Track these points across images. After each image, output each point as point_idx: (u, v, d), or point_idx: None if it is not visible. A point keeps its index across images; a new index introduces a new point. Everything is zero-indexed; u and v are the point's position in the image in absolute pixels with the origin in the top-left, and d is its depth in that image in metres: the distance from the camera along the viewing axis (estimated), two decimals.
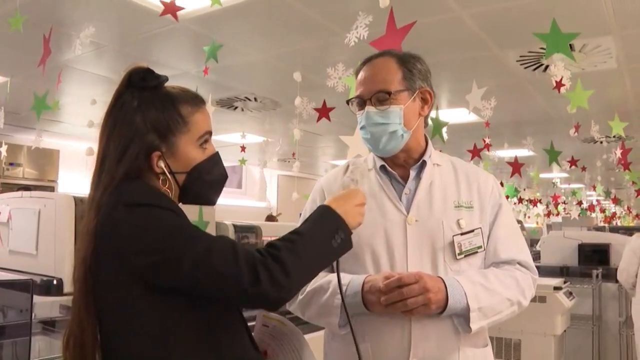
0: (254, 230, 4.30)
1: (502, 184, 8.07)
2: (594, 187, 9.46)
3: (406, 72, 1.53)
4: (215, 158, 1.28)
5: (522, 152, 7.67)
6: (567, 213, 11.70)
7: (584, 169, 7.93)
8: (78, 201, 3.29)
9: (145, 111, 1.19)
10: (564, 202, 11.70)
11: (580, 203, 10.80)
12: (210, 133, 1.27)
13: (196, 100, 1.26)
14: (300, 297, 1.54)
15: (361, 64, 1.60)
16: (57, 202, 3.46)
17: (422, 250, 1.48)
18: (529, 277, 1.56)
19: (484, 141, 5.19)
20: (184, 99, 1.24)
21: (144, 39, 3.85)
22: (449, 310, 1.39)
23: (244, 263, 1.05)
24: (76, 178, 7.76)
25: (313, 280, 1.54)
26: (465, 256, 1.50)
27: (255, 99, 5.57)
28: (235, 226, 4.52)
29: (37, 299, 2.35)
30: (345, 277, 1.48)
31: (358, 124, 1.59)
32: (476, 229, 1.53)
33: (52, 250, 3.21)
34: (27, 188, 6.74)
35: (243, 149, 6.46)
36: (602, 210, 13.80)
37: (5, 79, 4.93)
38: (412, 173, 1.58)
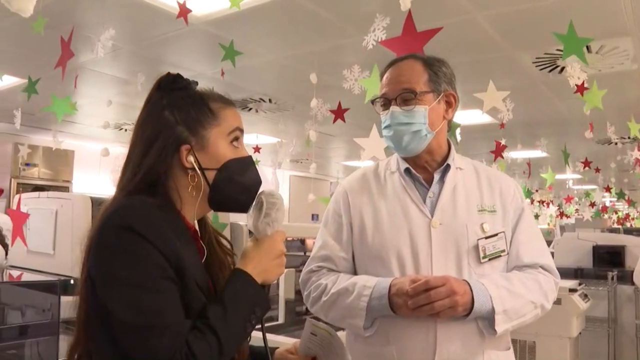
0: None
1: None
2: (607, 189, 9.39)
3: (432, 74, 1.55)
4: (249, 160, 1.22)
5: (534, 154, 7.64)
6: (580, 215, 11.63)
7: (597, 170, 7.89)
8: (95, 202, 3.32)
9: (174, 106, 1.17)
10: (577, 203, 11.63)
11: (593, 204, 10.72)
12: (241, 130, 1.23)
13: (225, 99, 1.24)
14: (324, 298, 1.55)
15: (387, 65, 1.62)
16: (74, 203, 3.49)
17: (447, 254, 1.49)
18: (551, 280, 1.57)
19: (499, 143, 5.17)
20: (213, 96, 1.22)
21: (160, 40, 3.88)
22: (475, 313, 1.40)
23: None
24: (91, 179, 7.82)
25: (337, 283, 1.55)
26: (489, 260, 1.51)
27: (270, 100, 5.59)
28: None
29: (55, 298, 2.37)
30: (371, 280, 1.49)
31: (382, 123, 1.60)
32: (500, 232, 1.54)
33: (69, 250, 3.24)
34: (42, 188, 6.81)
35: (257, 149, 6.47)
36: (615, 212, 13.70)
37: (22, 80, 4.99)
38: (436, 176, 1.59)
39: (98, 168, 7.78)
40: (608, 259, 5.88)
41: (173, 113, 1.16)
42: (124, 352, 1.01)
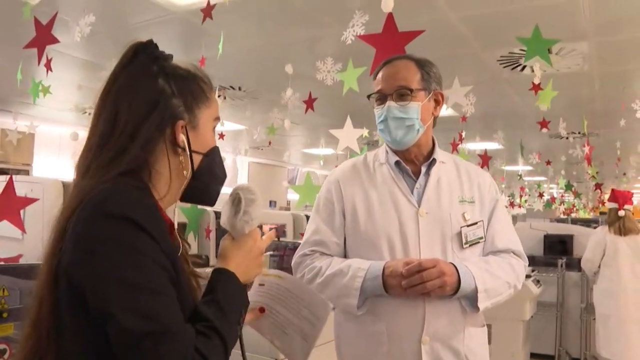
0: None
1: None
2: (557, 181, 9.86)
3: (424, 74, 1.70)
4: (219, 152, 1.15)
5: (491, 146, 7.94)
6: (529, 205, 12.15)
7: (548, 162, 8.28)
8: (66, 186, 3.33)
9: (168, 75, 1.05)
10: (527, 194, 12.13)
11: (541, 195, 11.20)
12: (219, 120, 1.16)
13: (210, 81, 1.14)
14: (318, 280, 1.67)
15: (381, 64, 1.75)
16: (44, 187, 3.48)
17: (433, 240, 1.64)
18: (521, 264, 1.76)
19: (460, 135, 5.39)
20: (200, 74, 1.11)
21: (138, 27, 3.89)
22: (461, 292, 1.56)
23: None
24: (51, 162, 7.68)
25: (331, 265, 1.68)
26: (470, 245, 1.67)
27: (240, 88, 5.65)
28: (216, 213, 4.63)
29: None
30: (364, 263, 1.62)
31: (377, 117, 1.72)
32: (479, 221, 1.70)
33: (39, 235, 3.24)
34: (2, 172, 6.64)
35: (222, 136, 6.50)
36: (562, 203, 14.33)
37: None
38: (423, 169, 1.73)
39: (58, 151, 7.66)
40: (557, 248, 6.23)
41: (169, 83, 1.04)
42: None
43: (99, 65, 4.66)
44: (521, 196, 10.37)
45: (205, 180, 1.10)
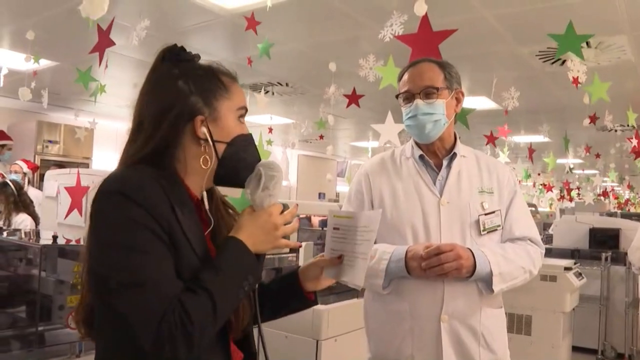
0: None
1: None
2: (608, 174, 9.65)
3: (447, 74, 1.84)
4: (252, 138, 1.22)
5: (536, 139, 7.89)
6: (581, 198, 11.88)
7: (598, 155, 8.14)
8: None
9: (187, 76, 1.15)
10: (578, 188, 11.88)
11: (593, 189, 10.97)
12: (246, 109, 1.23)
13: (232, 74, 1.23)
14: None
15: (405, 67, 1.90)
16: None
17: (453, 227, 1.78)
18: (537, 250, 1.88)
19: (502, 129, 5.43)
20: (222, 70, 1.21)
21: (190, 30, 4.13)
22: (476, 275, 1.70)
23: (153, 330, 0.97)
24: (109, 156, 8.10)
25: None
26: (487, 232, 1.80)
27: (287, 84, 5.85)
28: None
29: None
30: (390, 247, 1.78)
31: (405, 115, 1.87)
32: (496, 210, 1.83)
33: None
34: (61, 165, 7.08)
35: (270, 130, 6.72)
36: (616, 197, 13.95)
37: (53, 62, 5.28)
38: (445, 162, 1.88)
39: (115, 145, 8.07)
40: (604, 241, 6.15)
41: (187, 83, 1.14)
42: (118, 315, 0.99)
43: (150, 64, 4.95)
44: (571, 190, 10.17)
45: (231, 165, 1.17)
